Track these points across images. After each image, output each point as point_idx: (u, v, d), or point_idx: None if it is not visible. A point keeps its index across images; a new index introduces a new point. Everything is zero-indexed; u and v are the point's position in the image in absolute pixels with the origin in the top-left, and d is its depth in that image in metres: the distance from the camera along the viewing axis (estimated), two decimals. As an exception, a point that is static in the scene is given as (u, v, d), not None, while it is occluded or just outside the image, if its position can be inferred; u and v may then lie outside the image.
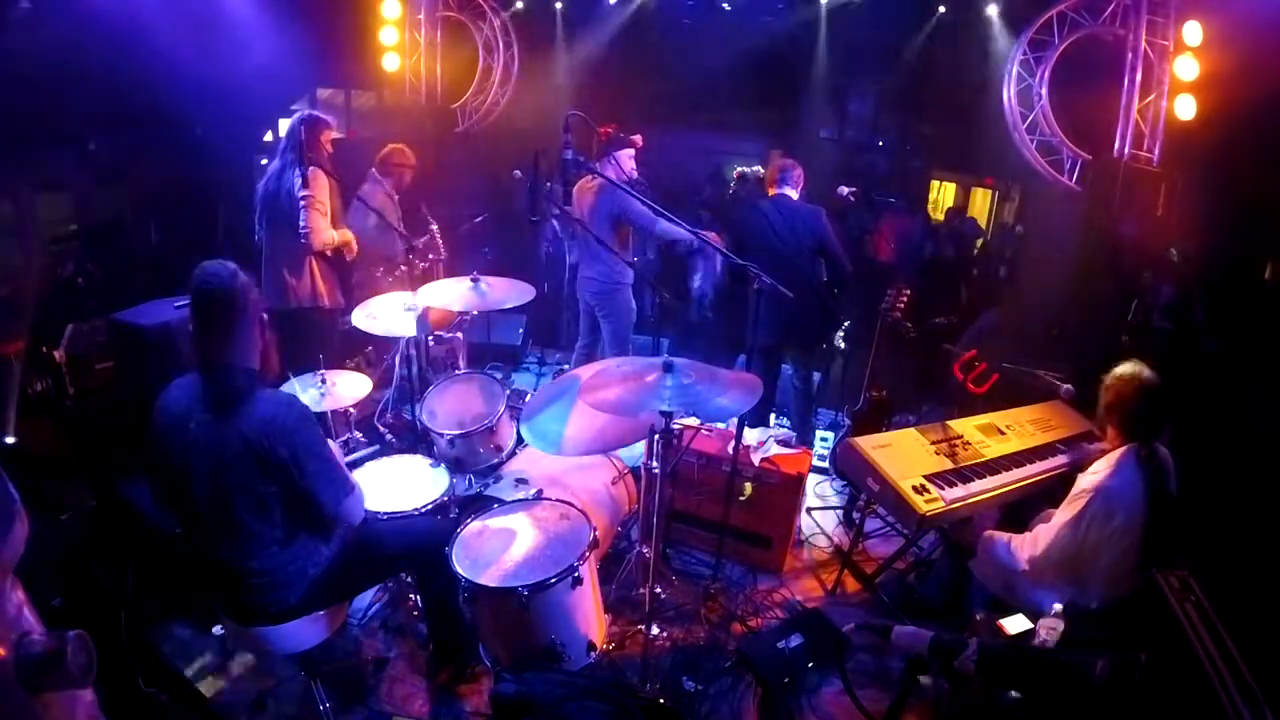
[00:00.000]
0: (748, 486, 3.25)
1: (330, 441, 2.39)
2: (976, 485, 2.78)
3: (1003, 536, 2.63)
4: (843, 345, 4.35)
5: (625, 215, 3.85)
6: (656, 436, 2.48)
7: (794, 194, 3.92)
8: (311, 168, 3.56)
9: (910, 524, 2.71)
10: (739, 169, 8.62)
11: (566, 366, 5.22)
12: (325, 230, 3.66)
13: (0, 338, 3.67)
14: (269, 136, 6.60)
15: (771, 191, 3.95)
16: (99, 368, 3.61)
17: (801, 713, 2.59)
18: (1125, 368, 2.47)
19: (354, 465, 2.84)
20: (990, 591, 2.69)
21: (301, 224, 3.58)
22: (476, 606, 2.37)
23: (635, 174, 4.04)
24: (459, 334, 4.28)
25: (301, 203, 3.56)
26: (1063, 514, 2.38)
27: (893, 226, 7.32)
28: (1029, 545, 2.46)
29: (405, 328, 3.20)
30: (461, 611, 2.48)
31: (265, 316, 2.03)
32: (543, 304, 5.96)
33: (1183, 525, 2.37)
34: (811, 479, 3.65)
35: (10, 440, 3.22)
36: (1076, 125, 4.83)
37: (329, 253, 3.79)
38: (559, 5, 6.69)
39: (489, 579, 2.29)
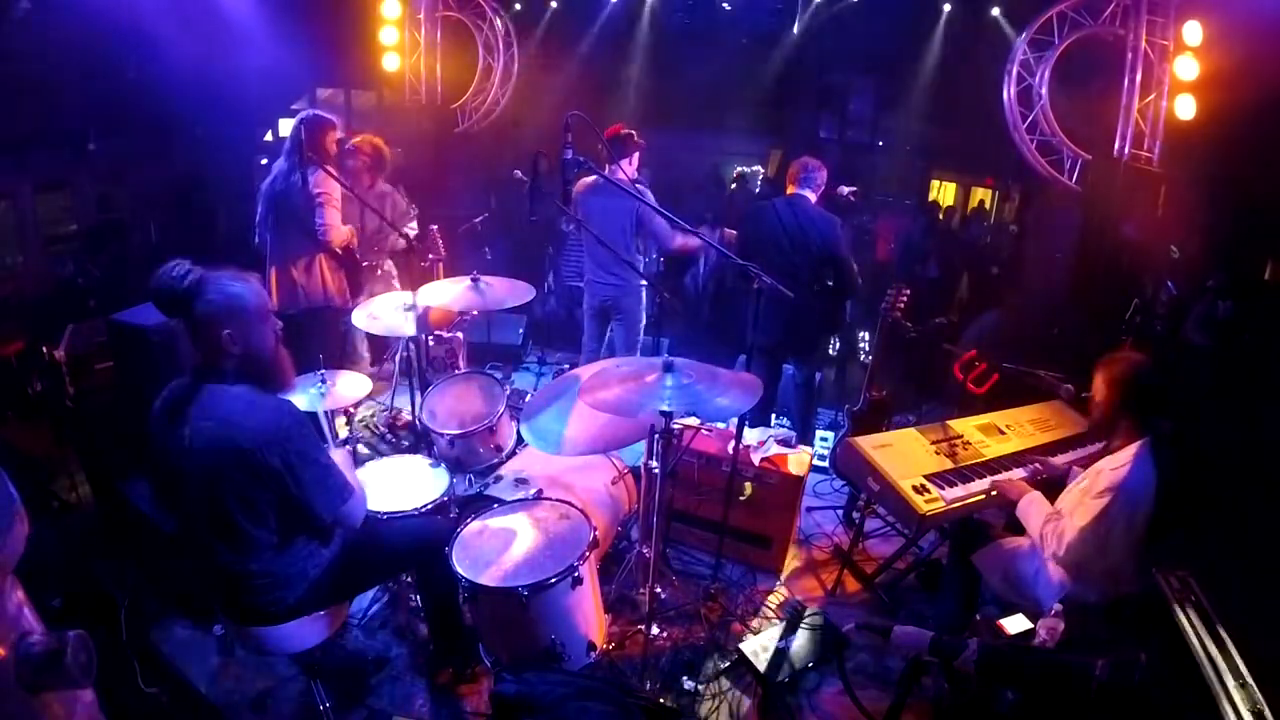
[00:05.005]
0: (748, 486, 3.25)
1: (340, 451, 2.38)
2: (977, 485, 2.79)
3: (1024, 542, 2.57)
4: (865, 352, 4.29)
5: (647, 226, 3.79)
6: (656, 436, 2.48)
7: (812, 196, 3.79)
8: (316, 169, 3.56)
9: (910, 524, 2.72)
10: (738, 169, 8.65)
11: (567, 367, 5.22)
12: (340, 227, 3.68)
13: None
14: (269, 136, 6.61)
15: (790, 190, 3.84)
16: (99, 368, 3.61)
17: (801, 713, 2.59)
18: (1110, 365, 2.41)
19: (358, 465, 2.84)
20: (991, 587, 2.69)
21: (319, 221, 3.58)
22: (476, 606, 2.37)
23: (637, 175, 4.03)
24: (459, 334, 4.28)
25: (318, 199, 3.56)
26: (1082, 514, 2.30)
27: (892, 226, 7.33)
28: (1055, 539, 2.36)
29: (405, 327, 3.20)
30: (462, 611, 2.48)
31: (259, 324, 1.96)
32: (544, 304, 6.01)
33: (1181, 515, 2.34)
34: (811, 479, 3.64)
35: None
36: (1076, 125, 4.83)
37: (339, 250, 3.80)
38: (554, 4, 6.69)
39: (489, 579, 2.29)
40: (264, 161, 5.78)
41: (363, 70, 6.37)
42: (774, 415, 4.26)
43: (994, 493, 2.73)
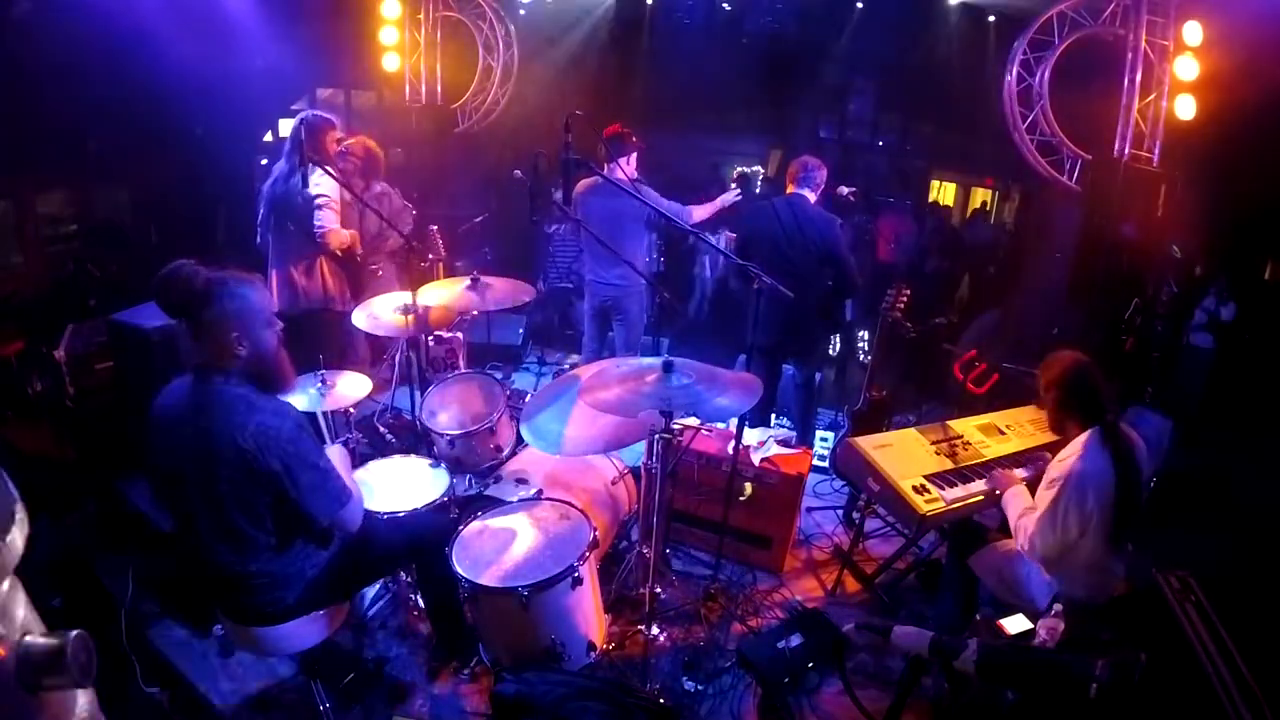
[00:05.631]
0: (748, 486, 3.25)
1: (336, 447, 2.38)
2: (977, 485, 2.79)
3: (1020, 506, 2.59)
4: (864, 351, 4.27)
5: (662, 215, 3.77)
6: (656, 436, 2.48)
7: (811, 196, 3.78)
8: (315, 169, 3.56)
9: (910, 524, 2.71)
10: (738, 169, 8.64)
11: (567, 367, 5.22)
12: (340, 229, 3.67)
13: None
14: (269, 137, 6.60)
15: (789, 189, 3.83)
16: (99, 368, 3.62)
17: (801, 713, 2.59)
18: (1048, 367, 2.47)
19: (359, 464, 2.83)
20: (988, 589, 2.69)
21: (317, 223, 3.58)
22: (477, 606, 2.37)
23: (635, 175, 4.03)
24: (459, 334, 4.28)
25: (316, 201, 3.56)
26: (1040, 506, 2.38)
27: (892, 226, 7.33)
28: (1023, 532, 2.44)
29: (404, 328, 3.20)
30: (462, 611, 2.48)
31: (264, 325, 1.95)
32: (543, 304, 6.01)
33: (1147, 501, 2.36)
34: (811, 479, 3.64)
35: None
36: (1076, 125, 4.83)
37: (340, 253, 3.79)
38: (549, 3, 6.69)
39: (489, 579, 2.29)
40: (264, 162, 5.77)
41: (363, 70, 6.37)
42: (774, 415, 4.26)
43: (995, 489, 2.74)
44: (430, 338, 4.02)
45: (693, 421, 3.10)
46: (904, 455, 2.87)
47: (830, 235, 3.71)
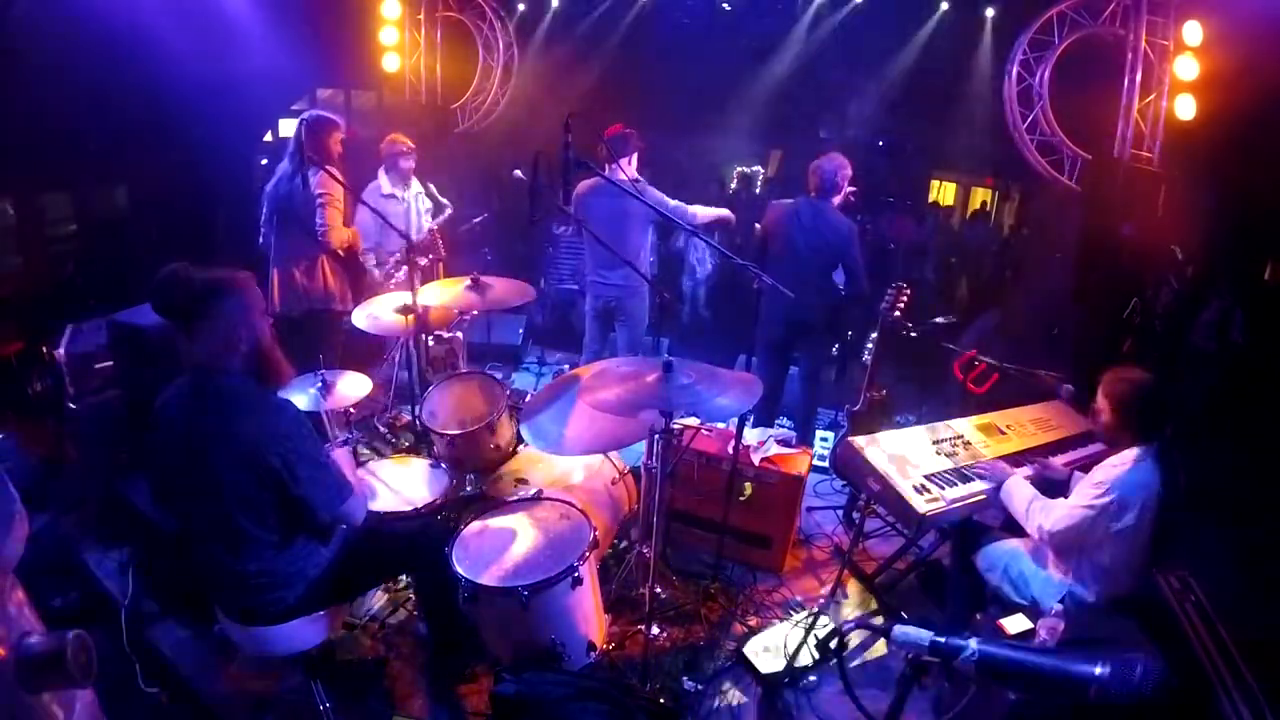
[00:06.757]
0: (748, 486, 3.25)
1: (341, 450, 2.39)
2: (977, 485, 2.79)
3: (1024, 542, 2.61)
4: (868, 351, 4.23)
5: (664, 215, 3.70)
6: (656, 436, 2.48)
7: (837, 199, 3.81)
8: (316, 169, 3.56)
9: (910, 524, 2.72)
10: (739, 169, 8.65)
11: (567, 367, 5.22)
12: (342, 228, 3.68)
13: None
14: (269, 137, 6.60)
15: (813, 193, 3.86)
16: (99, 368, 3.61)
17: (801, 713, 2.59)
18: (1115, 383, 2.46)
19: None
20: (991, 587, 2.69)
21: (319, 222, 3.59)
22: (477, 606, 2.37)
23: (636, 174, 4.03)
24: (459, 334, 4.28)
25: (319, 200, 3.57)
26: (1077, 499, 2.37)
27: (892, 226, 7.33)
28: (1042, 513, 2.43)
29: (404, 328, 3.21)
30: (461, 611, 2.48)
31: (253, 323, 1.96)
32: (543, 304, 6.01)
33: (1185, 528, 2.37)
34: (811, 479, 3.65)
35: None
36: (1076, 125, 4.83)
37: (342, 253, 3.80)
38: (555, 3, 6.69)
39: (489, 579, 2.29)
40: (264, 162, 5.77)
41: (363, 70, 6.37)
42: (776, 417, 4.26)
43: (981, 472, 2.75)
44: (430, 338, 4.02)
45: (693, 421, 3.10)
46: (904, 455, 2.87)
47: (842, 240, 3.76)
